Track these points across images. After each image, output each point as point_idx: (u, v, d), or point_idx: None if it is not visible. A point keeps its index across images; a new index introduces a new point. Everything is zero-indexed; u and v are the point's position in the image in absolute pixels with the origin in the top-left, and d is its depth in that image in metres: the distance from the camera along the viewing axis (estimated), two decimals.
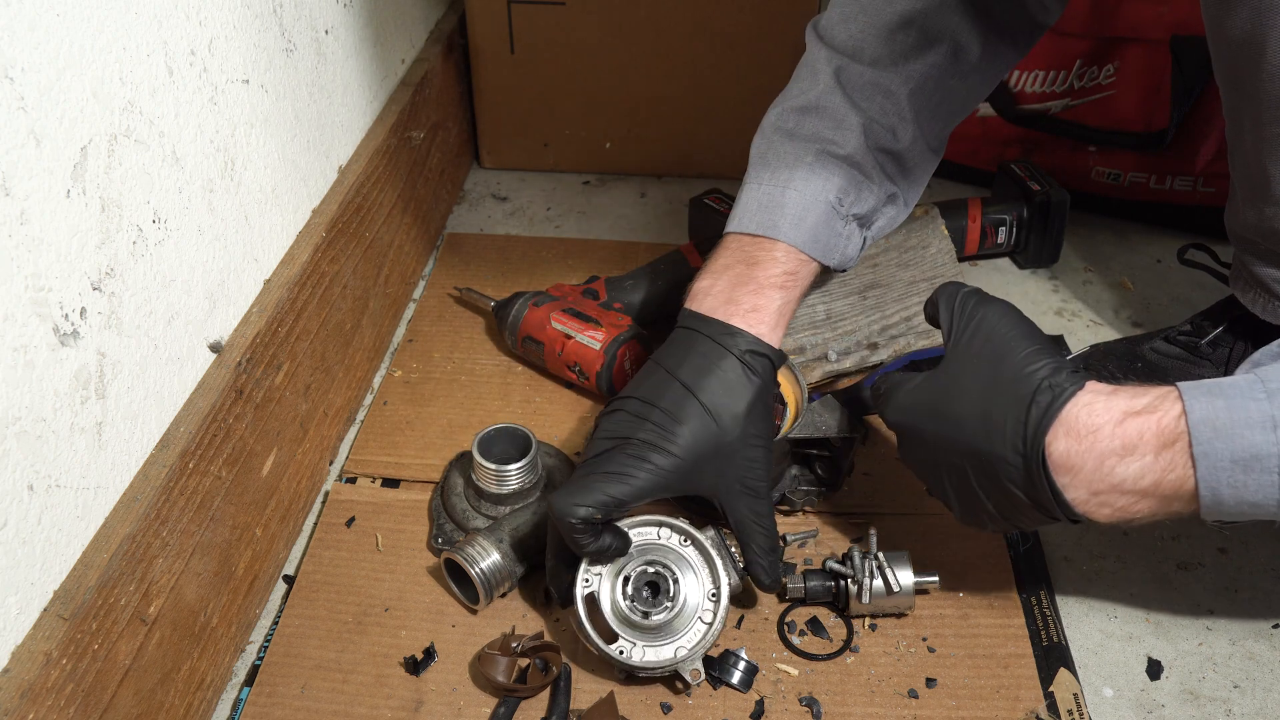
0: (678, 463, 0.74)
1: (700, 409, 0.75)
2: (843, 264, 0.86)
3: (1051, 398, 0.65)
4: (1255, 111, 0.77)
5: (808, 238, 0.81)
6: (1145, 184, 1.21)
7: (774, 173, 0.83)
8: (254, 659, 0.79)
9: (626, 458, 0.74)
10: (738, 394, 0.76)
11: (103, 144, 0.63)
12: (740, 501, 0.76)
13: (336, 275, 0.95)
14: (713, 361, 0.77)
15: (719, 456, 0.75)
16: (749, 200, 0.83)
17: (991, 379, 0.69)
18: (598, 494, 0.72)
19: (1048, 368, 0.67)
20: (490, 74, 1.30)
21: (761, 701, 0.76)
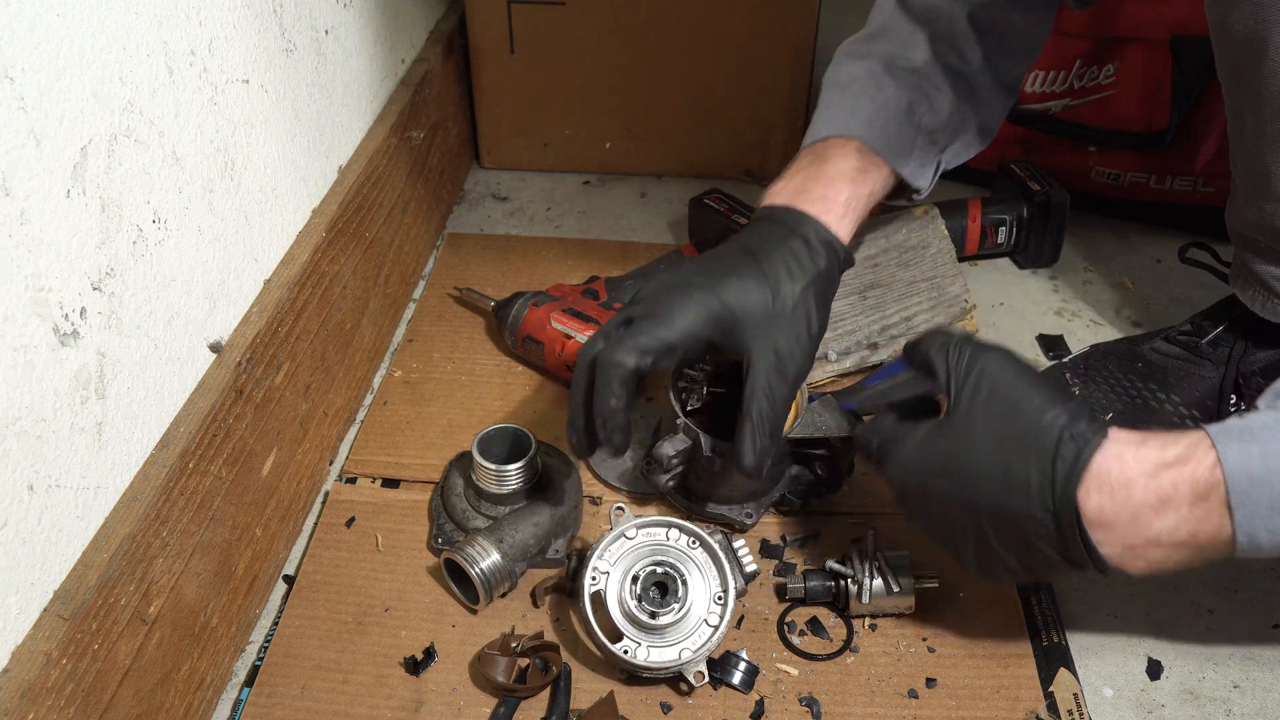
0: (726, 310, 0.74)
1: (759, 272, 0.76)
2: (915, 178, 0.86)
3: (1077, 450, 0.63)
4: (1257, 108, 0.77)
5: (878, 136, 0.83)
6: (1145, 184, 1.21)
7: (844, 88, 0.86)
8: (254, 659, 0.79)
9: (677, 298, 0.74)
10: (796, 272, 0.77)
11: (103, 144, 0.63)
12: (765, 370, 0.74)
13: (336, 275, 0.95)
14: (780, 238, 0.78)
15: (764, 323, 0.75)
16: (821, 114, 0.86)
17: (1006, 432, 0.66)
18: (648, 336, 0.72)
19: (1065, 416, 0.64)
20: (490, 74, 1.30)
21: (762, 701, 0.76)
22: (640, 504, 0.91)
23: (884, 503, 0.91)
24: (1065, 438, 0.63)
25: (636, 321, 0.74)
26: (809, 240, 0.78)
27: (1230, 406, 0.92)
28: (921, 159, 0.86)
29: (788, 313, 0.75)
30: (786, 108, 1.30)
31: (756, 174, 1.35)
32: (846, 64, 0.88)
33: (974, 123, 0.90)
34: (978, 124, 0.90)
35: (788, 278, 0.76)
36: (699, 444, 0.81)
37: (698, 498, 0.88)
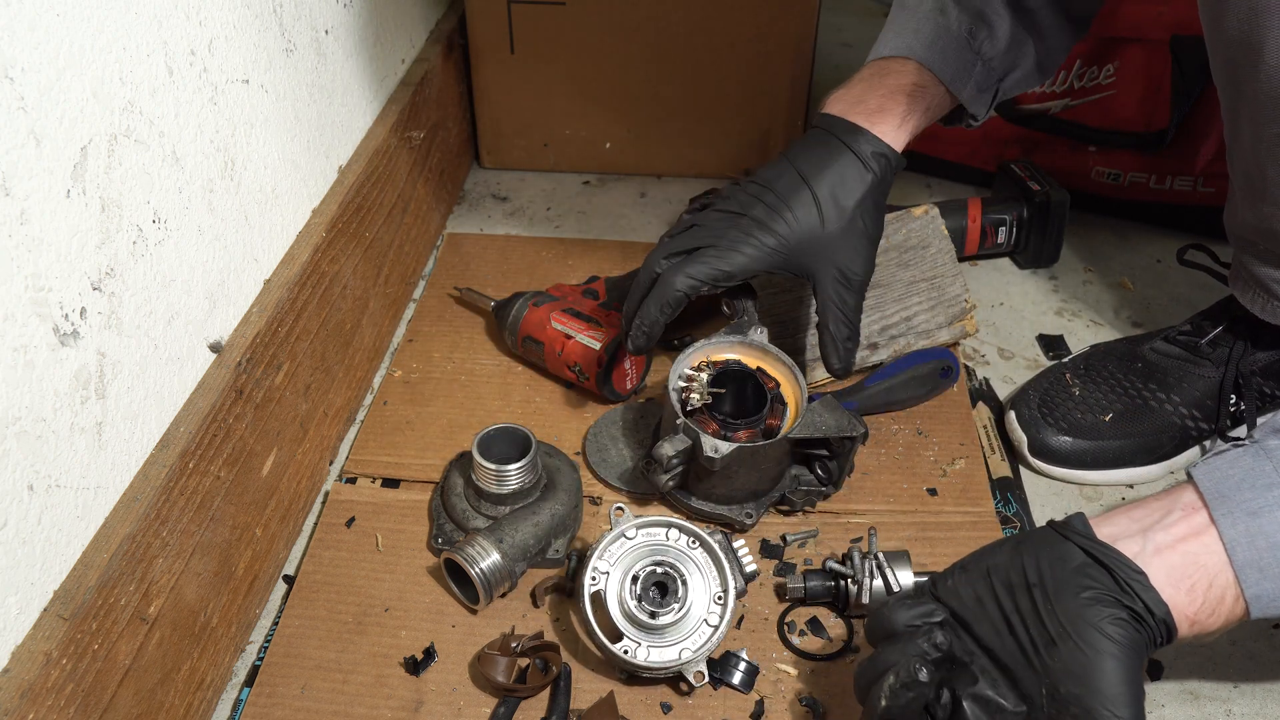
0: (782, 243, 0.82)
1: (811, 197, 0.82)
2: (973, 104, 0.88)
3: None
4: (1253, 111, 0.77)
5: (938, 58, 0.86)
6: (1145, 184, 1.21)
7: (910, 10, 0.88)
8: (254, 659, 0.80)
9: (738, 233, 0.82)
10: (851, 187, 0.82)
11: (103, 144, 0.63)
12: (831, 287, 0.83)
13: (336, 275, 0.95)
14: (832, 154, 0.83)
15: (822, 243, 0.82)
16: (887, 32, 0.89)
17: None
18: (708, 267, 0.81)
19: None
20: (490, 74, 1.30)
21: (762, 702, 0.76)
22: (640, 504, 0.91)
23: (884, 503, 0.91)
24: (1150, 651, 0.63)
25: (700, 251, 0.82)
26: (861, 154, 0.83)
27: (1230, 406, 0.92)
28: (980, 84, 0.89)
29: (842, 227, 0.82)
30: (786, 108, 1.30)
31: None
32: None
33: (1033, 56, 0.91)
34: (1037, 57, 0.91)
35: (843, 194, 0.82)
36: (699, 444, 0.81)
37: (698, 498, 0.88)
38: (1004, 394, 1.04)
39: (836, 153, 0.83)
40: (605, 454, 0.94)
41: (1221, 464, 0.65)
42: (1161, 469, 0.94)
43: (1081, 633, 0.60)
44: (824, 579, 0.81)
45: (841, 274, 0.83)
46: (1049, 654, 0.61)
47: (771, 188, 0.83)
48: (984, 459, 0.95)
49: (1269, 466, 0.63)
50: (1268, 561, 0.61)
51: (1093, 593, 0.61)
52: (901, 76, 0.86)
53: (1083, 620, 0.60)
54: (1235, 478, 0.63)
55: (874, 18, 1.77)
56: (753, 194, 0.84)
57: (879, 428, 0.98)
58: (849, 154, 0.83)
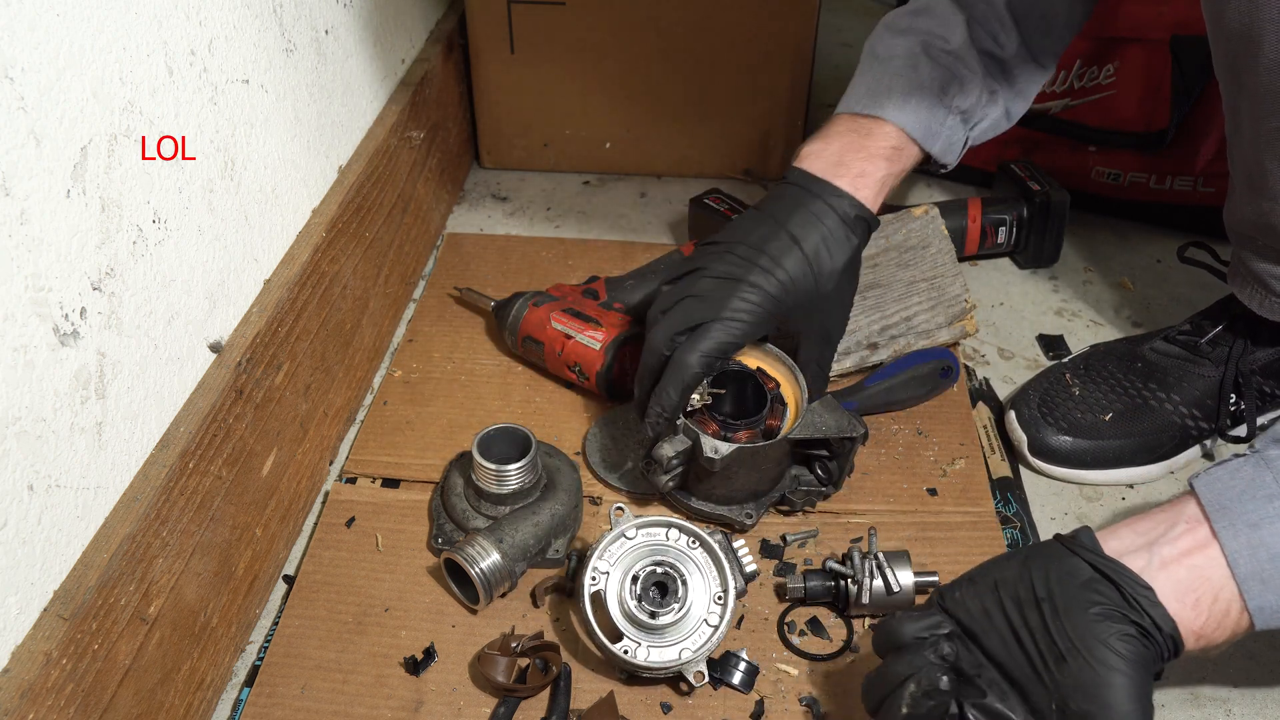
0: (778, 306, 0.83)
1: (804, 260, 0.83)
2: (944, 155, 0.90)
3: None
4: (1253, 105, 0.77)
5: (912, 120, 0.88)
6: (1145, 184, 1.21)
7: (883, 63, 0.89)
8: (254, 659, 0.79)
9: (739, 301, 0.82)
10: (838, 252, 0.84)
11: (103, 144, 0.63)
12: (815, 347, 0.87)
13: (336, 275, 0.95)
14: (819, 219, 0.84)
15: (811, 304, 0.84)
16: (859, 85, 0.90)
17: None
18: (717, 343, 0.82)
19: None
20: (490, 74, 1.30)
21: (762, 701, 0.76)
22: (640, 504, 0.91)
23: (884, 503, 0.91)
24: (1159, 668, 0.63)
25: (704, 327, 0.82)
26: (846, 218, 0.84)
27: (1229, 406, 0.92)
28: (951, 137, 0.90)
29: (830, 290, 0.84)
30: (786, 108, 1.30)
31: (756, 174, 1.35)
32: (888, 38, 0.92)
33: (1002, 104, 0.93)
34: (1006, 105, 0.93)
35: (829, 259, 0.84)
36: (699, 444, 0.81)
37: (698, 498, 0.88)
38: (1004, 394, 1.04)
39: (823, 216, 0.84)
40: (605, 454, 0.94)
41: (1222, 475, 0.65)
42: (1161, 468, 0.94)
43: (1091, 648, 0.60)
44: (824, 579, 0.81)
45: (824, 334, 0.87)
46: (1058, 669, 0.60)
47: (764, 250, 0.83)
48: (984, 459, 0.95)
49: (1269, 477, 0.63)
50: (1270, 573, 0.61)
51: (1101, 609, 0.61)
52: (881, 139, 0.87)
53: (1092, 636, 0.60)
54: (1236, 489, 0.63)
55: (874, 18, 1.77)
56: (745, 257, 0.84)
57: (879, 428, 0.98)
58: (834, 217, 0.84)
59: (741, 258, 0.84)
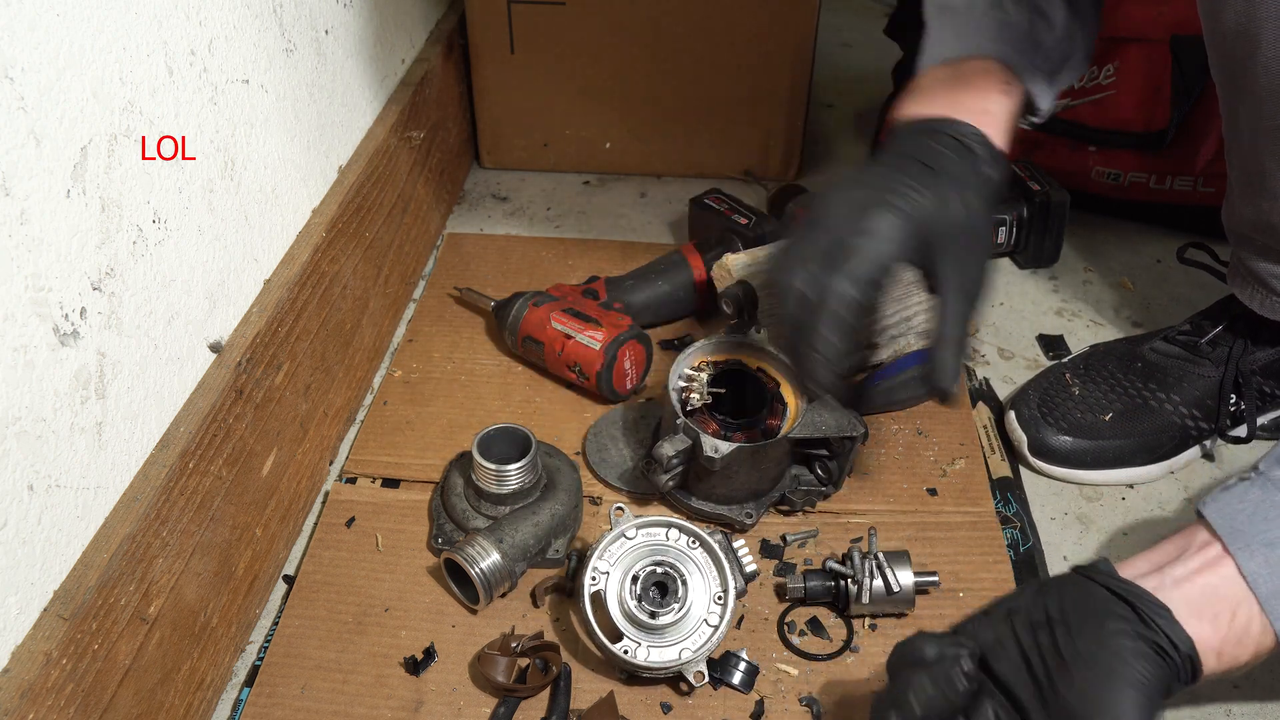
0: (922, 230, 0.69)
1: (944, 189, 0.70)
2: (1041, 98, 0.82)
3: None
4: (1251, 105, 0.77)
5: (1011, 53, 0.79)
6: (1145, 184, 1.21)
7: (961, 10, 0.81)
8: (254, 659, 0.79)
9: (875, 215, 0.68)
10: (979, 188, 0.72)
11: (103, 144, 0.63)
12: (956, 297, 0.71)
13: (336, 275, 0.95)
14: (954, 153, 0.72)
15: (955, 245, 0.71)
16: (943, 32, 0.81)
17: None
18: (866, 264, 0.67)
19: None
20: (490, 74, 1.30)
21: (762, 701, 0.76)
22: (640, 504, 0.91)
23: (884, 503, 0.91)
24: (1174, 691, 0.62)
25: (847, 244, 0.68)
26: (978, 154, 0.73)
27: (1229, 406, 0.92)
28: (1046, 75, 0.82)
29: (972, 233, 0.72)
30: (786, 108, 1.30)
31: (756, 174, 1.35)
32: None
33: (1082, 43, 0.85)
34: (1085, 46, 0.86)
35: (973, 195, 0.71)
36: (699, 444, 0.81)
37: (698, 498, 0.88)
38: (1004, 394, 1.04)
39: (959, 151, 0.73)
40: (605, 454, 0.94)
41: (1230, 499, 0.65)
42: (1161, 469, 0.94)
43: (1103, 663, 0.59)
44: (824, 579, 0.81)
45: (968, 283, 0.72)
46: (1066, 686, 0.59)
47: (900, 173, 0.71)
48: (984, 459, 0.95)
49: (1278, 498, 0.63)
50: None
51: (1116, 625, 0.60)
52: (987, 76, 0.78)
53: (1106, 651, 0.59)
54: (1246, 512, 0.63)
55: (874, 17, 1.77)
56: (872, 185, 0.71)
57: (879, 428, 0.98)
58: (970, 153, 0.73)
59: (869, 185, 0.71)
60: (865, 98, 1.55)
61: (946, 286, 0.71)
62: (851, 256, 0.67)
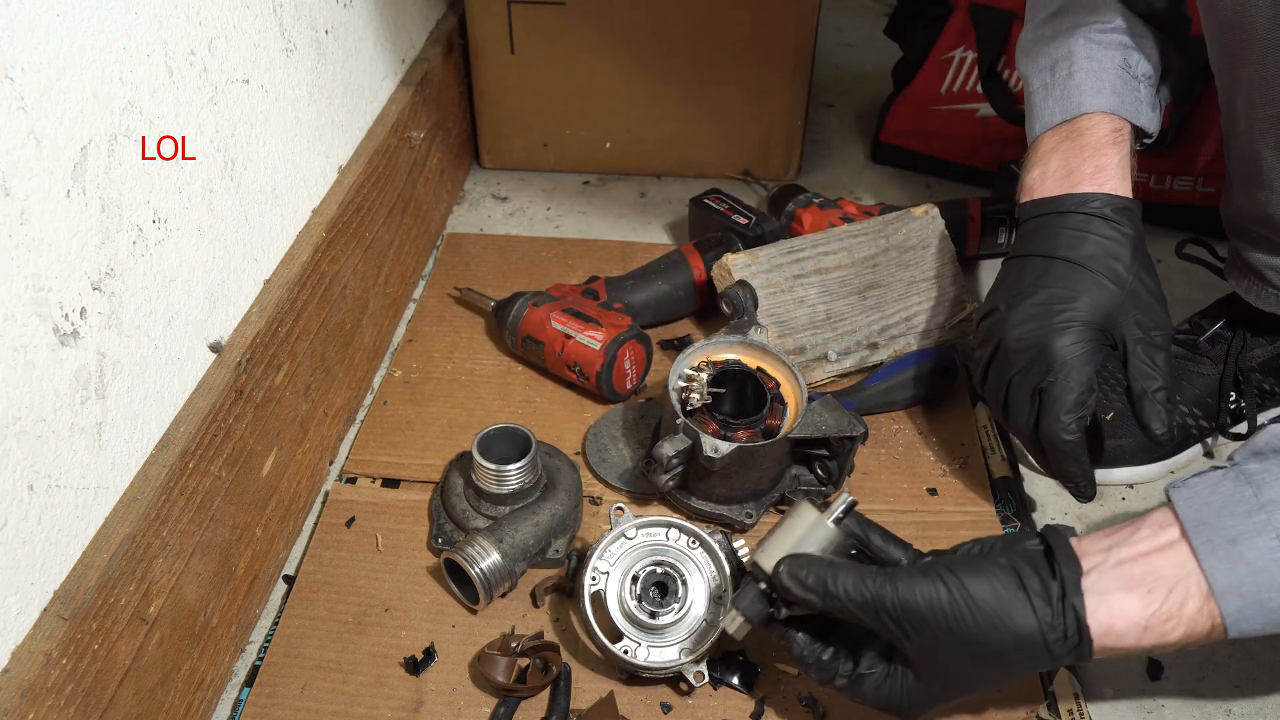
0: (1093, 333, 0.78)
1: (1091, 277, 0.79)
2: (1150, 125, 0.86)
3: (1073, 648, 0.62)
4: (1247, 94, 0.78)
5: (1113, 99, 0.83)
6: (1145, 184, 1.21)
7: (1054, 71, 0.86)
8: (254, 659, 0.80)
9: (1064, 349, 0.78)
10: (1118, 252, 0.79)
11: (103, 144, 0.63)
12: (1140, 351, 0.79)
13: (336, 275, 0.95)
14: (1083, 230, 0.80)
15: (1118, 310, 0.79)
16: (1042, 100, 0.86)
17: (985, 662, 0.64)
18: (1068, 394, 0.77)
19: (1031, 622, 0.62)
20: (490, 74, 1.30)
21: (762, 701, 0.76)
22: (640, 504, 0.91)
23: (884, 502, 0.91)
24: (1054, 645, 0.62)
25: (1048, 390, 0.78)
26: (1108, 217, 0.80)
27: (1229, 404, 0.92)
28: (1150, 104, 0.86)
29: (1129, 290, 0.79)
30: (786, 108, 1.30)
31: (756, 174, 1.35)
32: (1044, 48, 0.87)
33: (1176, 54, 0.89)
34: (1177, 59, 0.89)
35: (1111, 261, 0.79)
36: (699, 444, 0.81)
37: (698, 498, 0.88)
38: None
39: (1084, 225, 0.80)
40: (605, 454, 0.94)
41: (1202, 489, 0.64)
42: (1161, 468, 0.94)
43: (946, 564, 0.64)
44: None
45: (1144, 334, 0.79)
46: None
47: (1055, 281, 0.80)
48: (984, 459, 0.95)
49: (1249, 492, 0.62)
50: (1247, 587, 0.60)
51: (1021, 553, 0.64)
52: (1096, 130, 0.83)
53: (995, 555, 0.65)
54: (1215, 504, 0.63)
55: (874, 17, 1.77)
56: (1038, 302, 0.80)
57: (879, 428, 0.98)
58: (1096, 220, 0.80)
59: (1035, 303, 0.80)
60: (865, 98, 1.55)
61: (1129, 349, 0.79)
62: (1059, 400, 0.78)
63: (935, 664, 0.65)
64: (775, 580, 0.68)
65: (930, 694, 0.66)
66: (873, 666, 0.68)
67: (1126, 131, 0.84)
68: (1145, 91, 0.85)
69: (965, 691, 0.67)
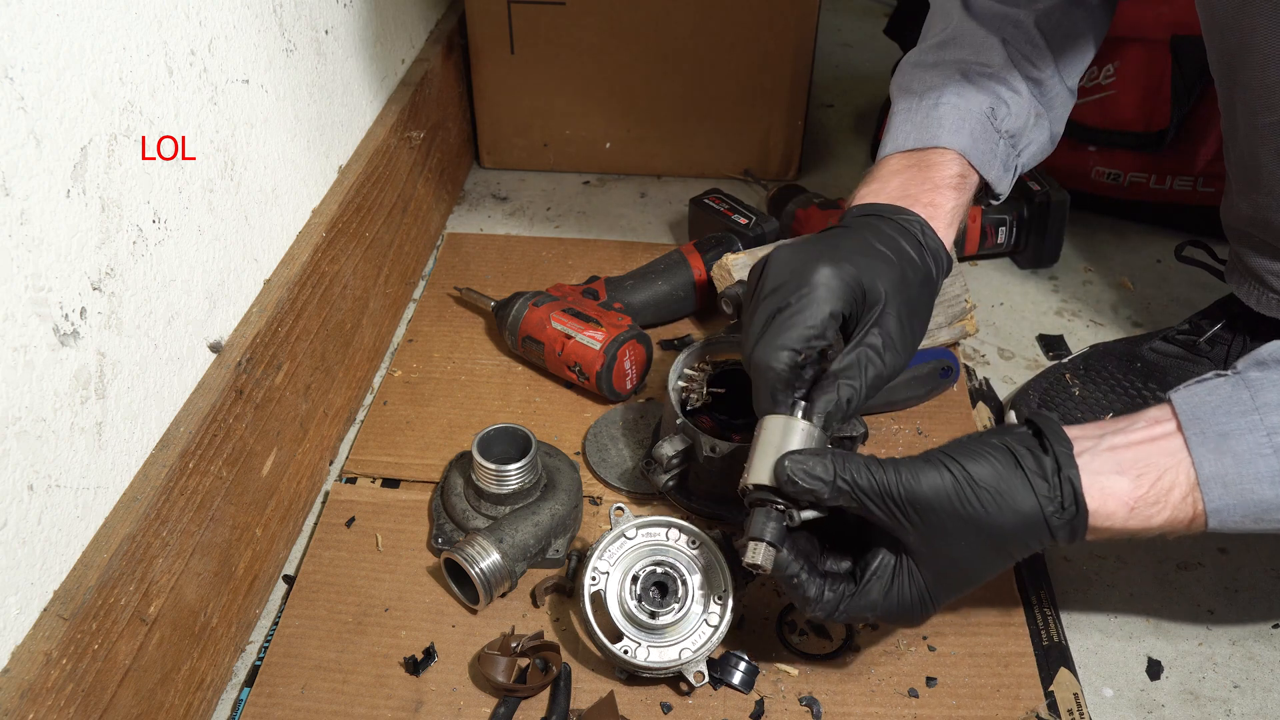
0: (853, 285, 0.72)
1: (880, 251, 0.74)
2: (998, 183, 0.85)
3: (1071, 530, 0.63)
4: (1248, 101, 0.78)
5: (969, 144, 0.82)
6: (1145, 184, 1.21)
7: (921, 97, 0.85)
8: (254, 659, 0.80)
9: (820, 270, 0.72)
10: (914, 264, 0.75)
11: (103, 144, 0.63)
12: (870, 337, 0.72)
13: (336, 275, 0.95)
14: (894, 234, 0.76)
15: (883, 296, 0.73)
16: (904, 122, 0.85)
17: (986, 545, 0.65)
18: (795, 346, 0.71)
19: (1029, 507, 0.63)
20: (490, 74, 1.30)
21: (762, 701, 0.76)
22: (640, 504, 0.91)
23: None
24: (1052, 519, 0.63)
25: (782, 311, 0.72)
26: (921, 241, 0.77)
27: None
28: (1004, 163, 0.86)
29: (901, 297, 0.73)
30: (786, 108, 1.30)
31: (756, 174, 1.35)
32: (921, 74, 0.86)
33: (1047, 126, 0.89)
34: (1050, 128, 0.90)
35: (908, 267, 0.75)
36: (698, 444, 0.81)
37: (698, 498, 0.88)
38: (1004, 394, 1.04)
39: (899, 233, 0.76)
40: (605, 454, 0.94)
41: (1201, 390, 0.66)
42: None
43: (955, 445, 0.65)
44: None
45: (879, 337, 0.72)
46: None
47: (834, 237, 0.76)
48: None
49: (1246, 395, 0.64)
50: (1232, 477, 0.62)
51: (1013, 435, 0.65)
52: (944, 168, 0.82)
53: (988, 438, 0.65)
54: (1212, 403, 0.65)
55: (874, 18, 1.77)
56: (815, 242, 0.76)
57: (879, 428, 0.98)
58: (912, 238, 0.77)
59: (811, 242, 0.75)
60: (865, 98, 1.55)
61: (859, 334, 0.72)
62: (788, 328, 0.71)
63: (940, 552, 0.65)
64: (781, 477, 0.66)
65: (936, 589, 0.67)
66: (879, 567, 0.67)
67: (972, 182, 0.83)
68: (1003, 148, 0.85)
69: (968, 582, 0.67)
